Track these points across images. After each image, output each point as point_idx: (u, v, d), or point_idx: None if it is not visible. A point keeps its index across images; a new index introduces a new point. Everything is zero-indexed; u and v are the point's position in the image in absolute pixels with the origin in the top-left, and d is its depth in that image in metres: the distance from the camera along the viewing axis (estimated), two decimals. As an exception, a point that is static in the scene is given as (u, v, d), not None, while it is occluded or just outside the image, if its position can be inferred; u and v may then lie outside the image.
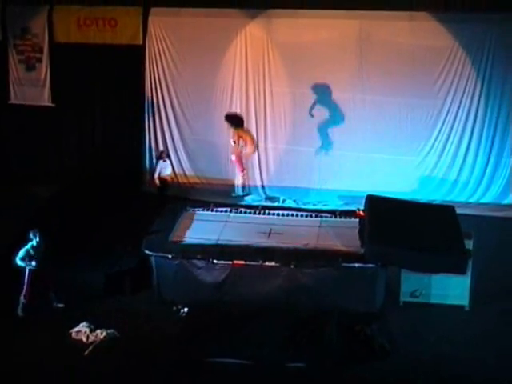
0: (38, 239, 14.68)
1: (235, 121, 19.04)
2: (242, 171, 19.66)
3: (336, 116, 19.86)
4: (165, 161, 19.86)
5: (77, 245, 16.77)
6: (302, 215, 16.90)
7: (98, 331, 14.02)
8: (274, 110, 20.28)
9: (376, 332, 13.94)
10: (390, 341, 13.82)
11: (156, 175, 19.68)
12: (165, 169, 19.80)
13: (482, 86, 19.23)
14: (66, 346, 13.81)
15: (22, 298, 14.71)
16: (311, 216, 16.76)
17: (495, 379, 13.00)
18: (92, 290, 15.50)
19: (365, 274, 14.46)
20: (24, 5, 20.96)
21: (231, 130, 19.19)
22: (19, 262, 14.61)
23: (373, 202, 15.84)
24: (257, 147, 19.70)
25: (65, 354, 13.63)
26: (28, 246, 14.62)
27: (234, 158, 19.32)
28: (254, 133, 19.94)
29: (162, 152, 20.20)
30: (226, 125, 19.99)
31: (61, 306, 15.00)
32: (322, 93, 19.77)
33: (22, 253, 14.61)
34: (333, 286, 14.51)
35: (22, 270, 14.67)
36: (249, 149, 19.02)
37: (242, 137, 18.84)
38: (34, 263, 14.60)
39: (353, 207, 17.18)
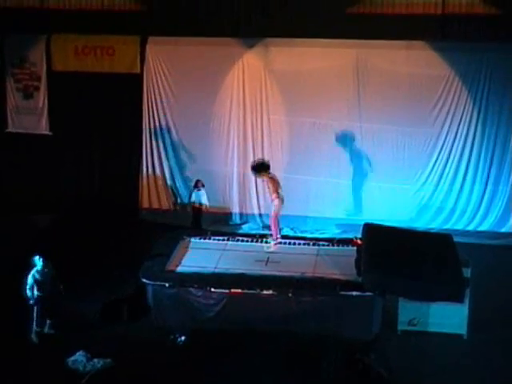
0: (42, 264, 14.61)
1: (264, 167, 16.99)
2: (277, 237, 16.90)
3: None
4: (199, 190, 19.76)
5: (75, 272, 16.70)
6: (299, 243, 16.84)
7: (95, 360, 13.89)
8: (271, 138, 20.33)
9: (373, 361, 13.86)
10: (388, 370, 13.74)
11: (190, 203, 19.84)
12: (199, 198, 19.77)
13: (478, 114, 19.34)
14: (63, 375, 13.65)
15: (34, 326, 14.69)
16: (308, 244, 16.72)
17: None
18: (89, 317, 15.43)
19: (362, 303, 14.40)
20: (22, 34, 21.01)
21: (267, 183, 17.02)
22: (28, 293, 14.56)
23: (370, 230, 15.80)
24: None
25: (61, 383, 13.52)
26: (33, 272, 14.57)
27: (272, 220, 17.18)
28: (251, 161, 20.02)
29: (197, 181, 19.90)
30: (223, 152, 20.15)
31: (52, 332, 14.91)
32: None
33: (29, 281, 14.56)
34: (330, 314, 14.44)
35: (31, 299, 14.64)
36: (277, 202, 16.81)
37: (270, 186, 16.80)
38: (40, 292, 14.55)
39: (350, 235, 17.15)
